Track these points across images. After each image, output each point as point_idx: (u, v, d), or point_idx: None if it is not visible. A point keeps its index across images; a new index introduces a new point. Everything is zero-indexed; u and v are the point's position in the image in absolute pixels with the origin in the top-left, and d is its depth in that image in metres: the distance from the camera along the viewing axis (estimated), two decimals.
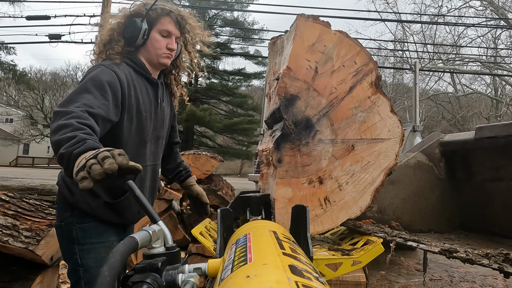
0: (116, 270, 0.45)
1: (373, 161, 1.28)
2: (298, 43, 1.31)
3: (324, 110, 1.29)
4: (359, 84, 1.30)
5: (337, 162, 1.28)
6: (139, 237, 0.56)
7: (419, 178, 1.63)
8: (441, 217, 1.68)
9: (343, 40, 1.32)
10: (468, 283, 3.78)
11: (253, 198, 1.05)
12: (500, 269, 0.79)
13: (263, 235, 0.64)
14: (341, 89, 1.30)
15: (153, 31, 1.41)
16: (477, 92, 22.90)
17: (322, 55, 1.31)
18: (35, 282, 2.00)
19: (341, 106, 1.29)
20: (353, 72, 1.30)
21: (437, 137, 1.72)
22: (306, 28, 1.33)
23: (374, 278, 3.59)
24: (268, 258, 0.45)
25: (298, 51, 1.31)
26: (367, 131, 1.29)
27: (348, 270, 1.20)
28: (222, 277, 0.47)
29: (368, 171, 1.27)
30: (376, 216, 1.52)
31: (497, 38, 19.59)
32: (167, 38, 1.42)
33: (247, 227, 0.77)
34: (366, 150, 1.28)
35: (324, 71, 1.31)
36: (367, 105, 1.29)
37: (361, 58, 1.31)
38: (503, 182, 1.53)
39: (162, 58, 1.42)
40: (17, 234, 1.88)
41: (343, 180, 1.28)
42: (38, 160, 39.13)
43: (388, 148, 1.29)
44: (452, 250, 0.93)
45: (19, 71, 16.62)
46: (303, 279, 0.37)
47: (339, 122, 1.29)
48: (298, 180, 1.27)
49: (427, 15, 19.26)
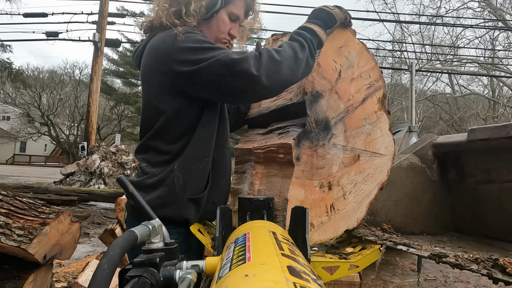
0: (115, 263, 0.45)
1: (372, 174, 1.29)
2: (329, 42, 1.27)
3: (341, 115, 1.28)
4: (370, 97, 1.31)
5: (345, 170, 1.26)
6: (139, 232, 0.56)
7: (411, 180, 1.64)
8: (433, 219, 1.68)
9: (363, 51, 1.32)
10: (462, 284, 3.80)
11: (254, 201, 0.96)
12: (488, 275, 0.78)
13: (262, 235, 0.64)
14: (356, 98, 1.30)
15: (222, 10, 1.24)
16: (475, 93, 22.99)
17: (346, 60, 1.30)
18: (27, 281, 2.00)
19: (354, 115, 1.29)
20: (367, 84, 1.31)
21: (430, 138, 1.72)
22: (337, 30, 1.30)
23: (368, 278, 3.60)
24: (266, 258, 0.45)
25: (327, 50, 1.28)
26: (370, 144, 1.30)
27: (344, 274, 1.19)
28: (220, 275, 0.48)
29: (367, 183, 1.28)
30: (368, 218, 1.52)
31: (495, 39, 19.68)
32: (232, 22, 1.27)
33: (246, 227, 0.77)
34: (368, 162, 1.29)
35: (346, 76, 1.29)
36: (373, 119, 1.31)
37: (374, 73, 1.33)
38: (495, 184, 1.54)
39: (220, 42, 1.28)
40: (10, 233, 1.87)
41: (347, 188, 1.26)
42: (35, 158, 39.02)
43: (383, 164, 1.30)
44: (442, 254, 0.93)
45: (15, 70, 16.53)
46: (301, 280, 0.37)
47: (351, 130, 1.29)
48: (311, 183, 1.22)
49: (426, 15, 19.31)
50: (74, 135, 34.37)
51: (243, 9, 1.27)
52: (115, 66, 24.99)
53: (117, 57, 24.73)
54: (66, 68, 44.00)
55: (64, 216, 2.10)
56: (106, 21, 11.80)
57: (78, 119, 33.44)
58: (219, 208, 0.92)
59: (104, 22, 11.67)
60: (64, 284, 2.94)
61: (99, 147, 10.80)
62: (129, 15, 18.00)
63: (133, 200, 0.70)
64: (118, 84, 28.49)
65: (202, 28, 1.24)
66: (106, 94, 26.02)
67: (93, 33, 11.45)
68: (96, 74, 11.44)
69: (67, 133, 34.79)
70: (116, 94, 26.50)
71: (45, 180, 12.71)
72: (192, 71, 1.05)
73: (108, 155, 10.52)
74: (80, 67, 39.06)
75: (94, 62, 11.49)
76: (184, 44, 1.08)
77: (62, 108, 34.69)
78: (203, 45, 1.07)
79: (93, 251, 4.62)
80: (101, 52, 11.64)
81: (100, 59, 11.67)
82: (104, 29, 11.67)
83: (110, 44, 12.80)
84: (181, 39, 1.09)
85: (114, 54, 24.74)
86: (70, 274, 3.21)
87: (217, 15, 1.23)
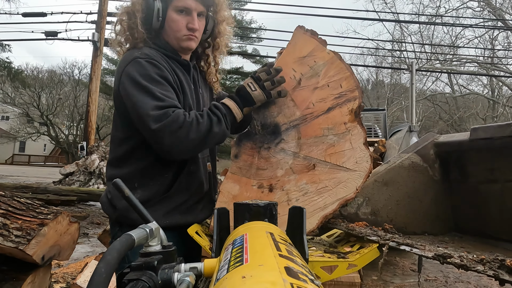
0: (113, 267, 0.44)
1: (331, 187, 1.25)
2: (289, 52, 1.31)
3: (295, 122, 1.28)
4: (338, 107, 1.28)
5: (293, 176, 1.26)
6: (136, 235, 0.56)
7: (413, 179, 1.62)
8: (435, 219, 1.67)
9: (335, 61, 1.30)
10: (463, 284, 3.79)
11: (253, 207, 0.87)
12: (495, 276, 0.77)
13: (260, 236, 0.64)
14: (319, 107, 1.28)
15: (169, 10, 1.22)
16: (474, 93, 23.02)
17: (309, 69, 1.30)
18: (25, 282, 1.98)
19: (314, 123, 1.28)
20: (336, 94, 1.28)
21: (432, 137, 1.70)
22: (302, 40, 1.31)
23: (369, 278, 3.59)
24: (264, 259, 0.45)
25: (287, 59, 1.30)
26: (333, 156, 1.26)
27: (343, 273, 1.19)
28: (217, 277, 0.47)
29: (323, 196, 1.24)
30: (369, 218, 1.51)
31: (494, 39, 19.69)
32: (186, 15, 1.24)
33: (244, 228, 0.77)
34: (326, 174, 1.26)
35: (307, 85, 1.29)
36: (340, 130, 1.27)
37: (348, 83, 1.29)
38: (498, 184, 1.52)
39: (183, 41, 1.27)
40: (7, 233, 1.85)
41: (294, 195, 1.25)
42: (34, 158, 38.99)
43: (350, 180, 1.25)
44: (446, 255, 0.91)
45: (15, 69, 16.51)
46: (298, 281, 0.37)
47: (308, 138, 1.27)
48: (248, 181, 1.27)
49: (425, 15, 19.31)
50: (73, 135, 34.36)
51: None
52: (114, 66, 24.96)
53: (117, 57, 24.71)
54: (65, 68, 43.96)
55: (62, 217, 2.09)
56: (106, 20, 11.78)
57: (77, 119, 33.43)
58: (216, 209, 0.90)
59: (103, 21, 11.65)
60: (63, 285, 2.93)
61: (98, 147, 10.78)
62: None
63: (129, 203, 0.70)
64: None
65: (164, 36, 1.29)
66: (105, 94, 25.98)
67: (92, 32, 11.43)
68: (95, 74, 11.42)
69: (67, 133, 34.77)
70: None
71: (44, 180, 12.69)
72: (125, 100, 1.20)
73: (107, 155, 10.49)
74: (80, 67, 39.07)
75: (93, 62, 11.47)
76: (129, 72, 1.18)
77: (61, 108, 34.65)
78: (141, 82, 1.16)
79: (92, 252, 4.60)
80: (100, 52, 11.62)
81: (99, 59, 11.65)
82: (103, 29, 11.65)
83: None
84: (127, 67, 1.20)
85: (113, 54, 24.70)
86: (69, 274, 3.20)
87: (166, 17, 1.24)
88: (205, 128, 1.13)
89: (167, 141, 1.10)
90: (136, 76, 1.16)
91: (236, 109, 1.22)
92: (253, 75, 1.26)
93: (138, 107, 1.13)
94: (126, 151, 1.27)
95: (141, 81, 1.14)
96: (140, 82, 1.14)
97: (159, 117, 1.09)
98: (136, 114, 1.15)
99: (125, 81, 1.18)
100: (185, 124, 1.10)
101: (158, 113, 1.09)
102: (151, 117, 1.09)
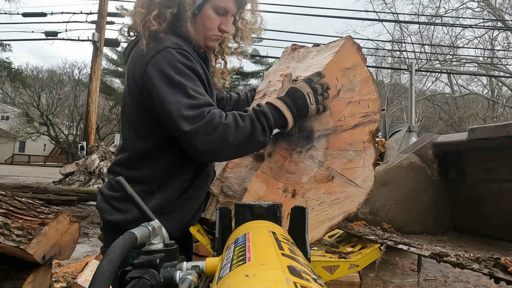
0: (115, 265, 0.44)
1: (341, 200, 1.27)
2: (337, 60, 1.30)
3: (327, 131, 1.29)
4: (362, 125, 1.30)
5: (314, 185, 1.27)
6: (138, 233, 0.56)
7: (411, 179, 1.63)
8: (433, 218, 1.68)
9: (369, 81, 1.32)
10: (462, 283, 3.80)
11: (256, 208, 0.81)
12: (490, 274, 0.78)
13: (263, 235, 0.64)
14: (348, 122, 1.30)
15: (207, 6, 1.15)
16: (474, 93, 23.02)
17: (349, 82, 1.31)
18: (26, 281, 1.99)
19: (341, 136, 1.29)
20: (363, 113, 1.31)
21: (430, 138, 1.71)
22: (348, 51, 1.32)
23: (368, 278, 3.60)
24: (267, 258, 0.45)
25: (333, 66, 1.30)
26: (348, 171, 1.28)
27: (344, 273, 1.20)
28: (220, 275, 0.48)
29: (334, 207, 1.26)
30: (368, 217, 1.52)
31: (494, 39, 19.70)
32: (222, 16, 1.18)
33: (246, 227, 0.76)
34: (340, 187, 1.27)
35: (343, 97, 1.30)
36: (359, 147, 1.29)
37: (374, 105, 1.32)
38: (495, 184, 1.53)
39: (211, 40, 1.21)
40: (8, 233, 1.86)
41: (311, 203, 1.26)
42: (34, 158, 38.97)
43: (356, 195, 1.27)
44: (443, 254, 0.92)
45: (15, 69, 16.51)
46: (301, 280, 0.37)
47: (334, 149, 1.28)
48: (276, 183, 1.25)
49: (425, 15, 19.32)
50: (73, 135, 34.33)
51: (232, 1, 1.18)
52: (114, 66, 24.97)
53: (116, 57, 24.72)
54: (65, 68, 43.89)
55: (63, 216, 2.10)
56: (106, 20, 11.78)
57: (77, 119, 33.39)
58: (219, 208, 0.89)
59: (103, 21, 11.66)
60: (64, 284, 2.94)
61: (98, 147, 10.77)
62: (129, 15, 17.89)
63: (131, 201, 0.69)
64: (117, 84, 28.48)
65: (190, 29, 1.18)
66: (105, 94, 26.01)
67: (92, 32, 11.43)
68: (95, 74, 11.42)
69: (66, 133, 34.74)
70: (115, 94, 26.50)
71: (44, 180, 12.70)
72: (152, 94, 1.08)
73: (107, 155, 10.50)
74: (80, 67, 39.03)
75: (93, 62, 11.47)
76: (158, 63, 1.07)
77: (61, 108, 34.63)
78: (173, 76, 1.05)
79: (93, 251, 4.61)
80: (100, 52, 11.62)
81: (99, 58, 11.65)
82: (103, 29, 11.65)
83: (109, 44, 12.76)
84: (156, 56, 1.08)
85: (113, 54, 24.74)
86: (69, 274, 3.21)
87: (201, 12, 1.16)
88: (245, 134, 1.04)
89: (201, 144, 1.01)
90: (167, 68, 1.05)
91: (291, 123, 1.13)
92: (309, 84, 1.16)
93: (168, 104, 1.03)
94: (144, 150, 1.16)
95: (173, 75, 1.05)
96: (172, 77, 1.05)
97: (193, 118, 1.01)
98: (166, 113, 1.04)
99: (154, 73, 1.07)
100: (220, 126, 1.02)
101: (193, 113, 1.01)
102: (185, 117, 1.01)
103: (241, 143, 1.05)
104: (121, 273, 0.56)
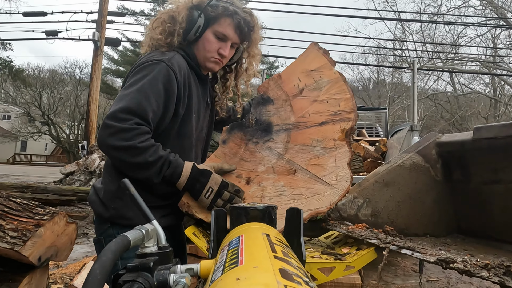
0: (108, 269, 0.44)
1: (306, 196, 1.27)
2: (300, 62, 1.39)
3: (288, 126, 1.34)
4: (332, 123, 1.33)
5: (272, 175, 1.30)
6: (131, 236, 0.55)
7: (414, 180, 1.59)
8: (437, 220, 1.63)
9: (339, 81, 1.36)
10: (465, 285, 3.76)
11: (250, 210, 0.82)
12: (500, 283, 0.74)
13: (256, 238, 0.64)
14: (313, 119, 1.34)
15: (208, 30, 1.29)
16: (476, 92, 22.96)
17: (314, 82, 1.37)
18: (22, 283, 1.96)
19: (305, 132, 1.33)
20: (332, 111, 1.34)
21: (434, 137, 1.67)
22: (313, 55, 1.39)
23: (370, 279, 3.56)
24: (259, 261, 0.45)
25: (295, 69, 1.38)
26: (315, 167, 1.30)
27: (340, 274, 1.20)
28: (212, 278, 0.48)
29: (296, 202, 1.26)
30: (370, 220, 1.48)
31: (496, 37, 19.63)
32: (221, 41, 1.31)
33: (241, 229, 0.76)
34: (304, 182, 1.29)
35: (307, 96, 1.36)
36: (328, 145, 1.32)
37: (346, 105, 1.35)
38: (501, 184, 1.49)
39: (209, 62, 1.33)
40: (3, 235, 1.83)
41: (268, 193, 1.28)
42: (36, 158, 39.10)
43: (326, 194, 1.27)
44: (449, 260, 0.88)
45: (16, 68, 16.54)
46: (292, 283, 0.37)
47: (296, 143, 1.32)
48: None
49: (427, 14, 19.26)
50: (74, 134, 34.45)
51: (232, 28, 1.29)
52: (115, 65, 24.97)
53: (117, 56, 24.72)
54: (66, 68, 44.02)
55: (59, 217, 2.06)
56: (106, 20, 11.75)
57: (78, 119, 33.49)
58: (214, 210, 0.89)
59: (104, 21, 11.63)
60: (61, 286, 2.91)
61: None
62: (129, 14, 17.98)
63: (133, 202, 0.70)
64: (118, 83, 28.47)
65: (193, 48, 1.33)
66: (106, 94, 26.01)
67: (93, 32, 11.40)
68: (96, 73, 11.40)
69: (68, 133, 34.87)
70: (116, 93, 26.48)
71: (45, 179, 12.71)
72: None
73: None
74: (80, 66, 39.00)
75: (94, 61, 11.44)
76: (143, 67, 1.21)
77: (62, 107, 34.73)
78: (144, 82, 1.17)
79: (91, 252, 4.58)
80: (101, 51, 11.59)
81: (100, 58, 11.62)
82: (104, 28, 11.62)
83: (110, 43, 12.74)
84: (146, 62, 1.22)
85: (114, 53, 24.73)
86: (67, 275, 3.18)
87: (202, 35, 1.29)
88: (140, 160, 1.11)
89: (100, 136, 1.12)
90: (148, 75, 1.18)
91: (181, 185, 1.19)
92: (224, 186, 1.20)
93: (120, 97, 1.15)
94: None
95: (145, 81, 1.16)
96: (143, 82, 1.16)
97: (120, 119, 1.10)
98: (117, 96, 1.17)
99: (134, 69, 1.22)
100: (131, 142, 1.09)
101: (124, 116, 1.11)
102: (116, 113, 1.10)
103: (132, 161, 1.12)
104: (114, 277, 0.56)
